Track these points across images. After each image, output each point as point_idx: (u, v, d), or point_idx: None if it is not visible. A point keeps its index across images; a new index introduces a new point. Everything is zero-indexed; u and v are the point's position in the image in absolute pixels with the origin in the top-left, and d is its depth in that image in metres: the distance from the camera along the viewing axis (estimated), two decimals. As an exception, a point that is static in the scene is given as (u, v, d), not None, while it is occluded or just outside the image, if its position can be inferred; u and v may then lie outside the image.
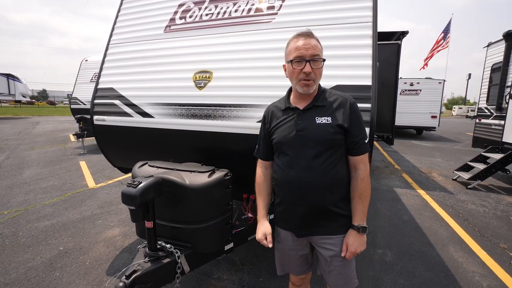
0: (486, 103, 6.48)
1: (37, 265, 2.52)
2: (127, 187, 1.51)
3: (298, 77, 1.23)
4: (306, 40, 1.21)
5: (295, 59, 1.22)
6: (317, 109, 1.27)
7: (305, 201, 1.27)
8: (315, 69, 1.21)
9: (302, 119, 1.27)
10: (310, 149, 1.24)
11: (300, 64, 1.21)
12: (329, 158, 1.24)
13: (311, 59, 1.20)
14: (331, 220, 1.29)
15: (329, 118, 1.24)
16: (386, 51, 5.63)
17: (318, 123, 1.24)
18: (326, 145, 1.23)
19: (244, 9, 2.20)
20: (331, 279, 1.35)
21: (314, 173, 1.23)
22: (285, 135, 1.29)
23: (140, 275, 1.51)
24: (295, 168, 1.26)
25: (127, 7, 2.78)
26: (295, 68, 1.23)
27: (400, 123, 11.80)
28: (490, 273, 2.55)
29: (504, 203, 4.43)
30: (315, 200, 1.26)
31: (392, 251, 2.89)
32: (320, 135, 1.23)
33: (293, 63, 1.23)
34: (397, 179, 5.70)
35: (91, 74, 9.28)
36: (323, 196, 1.25)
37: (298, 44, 1.21)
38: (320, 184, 1.24)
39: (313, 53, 1.20)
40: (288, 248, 1.42)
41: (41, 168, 5.93)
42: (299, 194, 1.27)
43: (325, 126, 1.23)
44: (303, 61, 1.20)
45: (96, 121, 2.62)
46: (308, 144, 1.24)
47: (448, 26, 16.70)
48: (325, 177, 1.23)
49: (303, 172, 1.24)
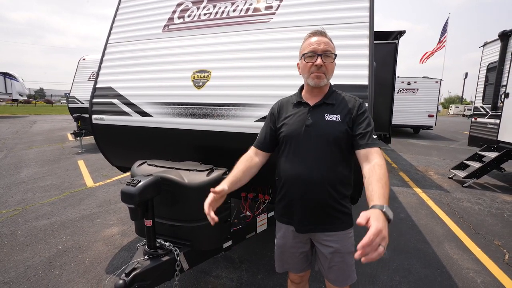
0: (481, 102, 6.53)
1: (36, 263, 2.53)
2: (127, 186, 1.52)
3: (310, 70, 1.28)
4: (319, 38, 1.28)
5: (308, 54, 1.27)
6: (327, 106, 1.31)
7: (309, 197, 1.28)
8: (326, 63, 1.26)
9: (311, 114, 1.30)
10: (317, 144, 1.26)
11: (312, 58, 1.26)
12: (335, 155, 1.27)
13: (323, 53, 1.25)
14: (333, 217, 1.31)
15: (338, 116, 1.28)
16: (383, 51, 5.66)
17: (327, 120, 1.27)
18: (334, 142, 1.26)
19: (242, 8, 2.22)
20: (331, 275, 1.37)
21: (320, 169, 1.25)
22: (294, 129, 1.31)
23: (139, 273, 1.52)
24: (302, 163, 1.28)
25: (125, 6, 2.78)
26: (308, 62, 1.27)
27: (397, 122, 11.86)
28: (484, 269, 2.59)
29: (499, 201, 4.49)
30: (319, 196, 1.27)
31: (389, 248, 2.92)
32: (328, 132, 1.26)
33: (305, 57, 1.28)
34: (394, 177, 5.75)
35: (89, 73, 9.22)
36: (327, 193, 1.27)
37: (311, 41, 1.28)
38: (326, 181, 1.26)
39: (325, 48, 1.26)
40: (289, 245, 1.43)
41: (39, 167, 5.92)
42: (304, 189, 1.28)
43: (333, 124, 1.27)
44: (315, 55, 1.26)
45: (94, 120, 2.63)
46: (316, 140, 1.27)
47: (446, 26, 16.78)
48: (330, 174, 1.26)
49: (310, 168, 1.26)
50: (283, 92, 1.48)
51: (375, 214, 0.89)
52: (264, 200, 2.32)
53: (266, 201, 2.31)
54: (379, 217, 0.88)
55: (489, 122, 5.99)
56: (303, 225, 1.34)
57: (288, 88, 1.73)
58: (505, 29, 5.57)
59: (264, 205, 2.29)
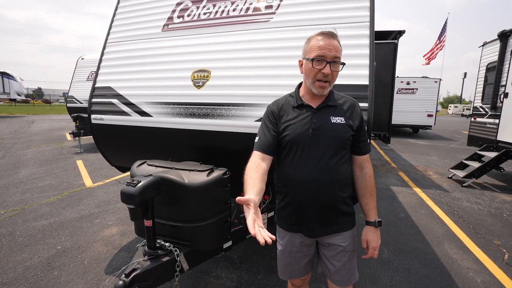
0: (481, 102, 6.55)
1: (35, 264, 2.52)
2: (126, 186, 1.52)
3: (315, 76, 1.21)
4: (330, 41, 1.19)
5: (317, 58, 1.19)
6: (330, 109, 1.28)
7: (319, 201, 1.25)
8: (333, 71, 1.20)
9: (316, 117, 1.26)
10: (325, 148, 1.24)
11: (321, 64, 1.19)
12: (342, 158, 1.26)
13: (332, 61, 1.18)
14: (340, 218, 1.31)
15: (342, 118, 1.26)
16: (383, 50, 5.66)
17: (333, 122, 1.25)
18: (340, 145, 1.25)
19: (242, 8, 2.21)
20: (337, 275, 1.36)
21: (328, 172, 1.23)
22: (300, 133, 1.25)
23: (139, 274, 1.52)
24: (310, 167, 1.24)
25: (124, 5, 2.76)
26: (315, 67, 1.20)
27: (397, 122, 11.89)
28: (484, 269, 2.59)
29: (498, 200, 4.50)
30: (328, 200, 1.26)
31: (389, 248, 2.92)
32: (336, 134, 1.24)
33: (313, 62, 1.20)
34: (393, 177, 5.75)
35: (88, 73, 9.19)
36: (335, 195, 1.26)
37: (321, 44, 1.18)
38: (334, 183, 1.25)
39: (335, 55, 1.19)
40: (295, 251, 1.38)
41: (37, 167, 5.89)
42: (312, 194, 1.24)
43: (340, 126, 1.25)
44: (323, 62, 1.18)
45: (94, 120, 2.62)
46: (324, 143, 1.24)
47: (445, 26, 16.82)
48: (338, 176, 1.25)
49: (319, 172, 1.23)
50: (283, 92, 1.47)
51: (370, 236, 1.33)
52: (264, 200, 2.31)
53: (266, 201, 2.30)
54: (374, 237, 1.32)
55: (489, 122, 6.00)
56: (315, 229, 1.31)
57: (288, 88, 1.71)
58: (504, 29, 5.58)
59: (264, 205, 2.28)
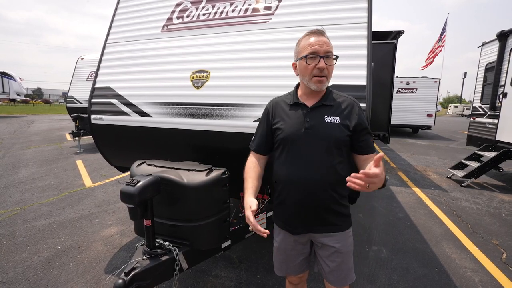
0: (480, 102, 6.56)
1: (35, 264, 2.53)
2: (126, 186, 1.52)
3: (311, 73, 1.23)
4: (319, 37, 1.23)
5: (309, 55, 1.22)
6: (325, 108, 1.28)
7: (310, 200, 1.26)
8: (328, 66, 1.23)
9: (310, 116, 1.27)
10: (318, 147, 1.24)
11: (314, 60, 1.21)
12: (335, 157, 1.25)
13: (325, 55, 1.21)
14: (334, 218, 1.31)
15: (338, 118, 1.26)
16: (382, 50, 5.67)
17: (327, 122, 1.25)
18: (334, 144, 1.25)
19: (241, 9, 2.22)
20: (332, 276, 1.37)
21: (321, 171, 1.24)
22: (293, 132, 1.27)
23: (139, 273, 1.53)
24: (302, 166, 1.25)
25: (124, 6, 2.77)
26: (309, 64, 1.22)
27: (396, 122, 11.91)
28: (482, 268, 2.61)
29: (497, 200, 4.52)
30: (321, 198, 1.26)
31: (387, 247, 2.94)
32: (329, 134, 1.24)
33: (307, 59, 1.22)
34: (392, 177, 5.77)
35: (88, 73, 9.19)
36: (328, 195, 1.26)
37: (312, 41, 1.22)
38: (327, 183, 1.25)
39: (327, 49, 1.22)
40: (290, 248, 1.41)
41: (37, 167, 5.90)
42: (305, 193, 1.26)
43: (333, 126, 1.25)
44: (317, 57, 1.21)
45: (93, 120, 2.63)
46: (316, 142, 1.25)
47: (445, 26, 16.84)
48: (331, 176, 1.25)
49: (311, 171, 1.24)
50: (282, 93, 1.48)
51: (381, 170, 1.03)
52: (263, 199, 2.32)
53: (265, 200, 2.31)
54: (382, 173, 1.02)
55: (488, 122, 6.02)
56: (303, 228, 1.33)
57: (287, 89, 1.72)
58: (503, 29, 5.60)
59: (263, 204, 2.29)
